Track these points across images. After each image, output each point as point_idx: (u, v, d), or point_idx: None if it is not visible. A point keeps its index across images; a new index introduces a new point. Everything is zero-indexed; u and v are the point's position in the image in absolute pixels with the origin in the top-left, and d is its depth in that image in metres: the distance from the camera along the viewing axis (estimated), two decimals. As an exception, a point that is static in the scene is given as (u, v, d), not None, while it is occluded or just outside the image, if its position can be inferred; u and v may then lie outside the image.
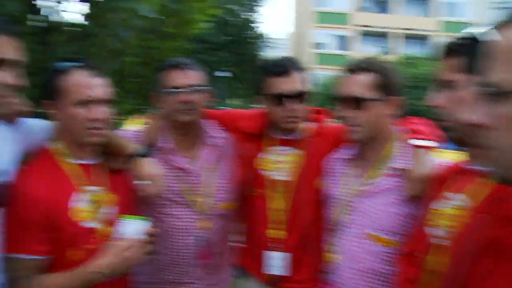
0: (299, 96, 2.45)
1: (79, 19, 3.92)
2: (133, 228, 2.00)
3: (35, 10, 3.52)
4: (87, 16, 3.50)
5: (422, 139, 2.21)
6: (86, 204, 2.03)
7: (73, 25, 3.87)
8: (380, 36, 39.57)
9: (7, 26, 1.73)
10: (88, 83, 1.99)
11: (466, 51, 1.61)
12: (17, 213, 1.88)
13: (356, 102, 2.16)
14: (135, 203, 2.28)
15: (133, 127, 2.69)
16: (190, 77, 2.44)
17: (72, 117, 1.99)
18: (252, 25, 26.52)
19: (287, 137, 2.60)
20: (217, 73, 23.57)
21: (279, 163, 2.59)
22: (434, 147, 2.20)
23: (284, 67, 2.46)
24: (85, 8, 3.69)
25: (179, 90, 2.41)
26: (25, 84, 1.79)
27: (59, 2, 3.80)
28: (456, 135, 1.70)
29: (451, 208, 1.73)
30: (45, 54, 3.40)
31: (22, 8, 3.07)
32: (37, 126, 2.15)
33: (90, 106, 1.98)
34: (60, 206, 1.95)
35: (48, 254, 1.94)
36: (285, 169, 2.57)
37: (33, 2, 3.58)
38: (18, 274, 1.89)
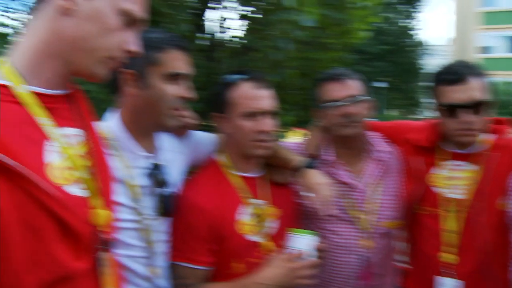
0: (476, 107, 2.20)
1: (240, 34, 4.05)
2: (303, 242, 1.99)
3: (202, 29, 3.73)
4: (248, 31, 3.59)
5: None
6: (250, 217, 2.07)
7: (234, 40, 4.01)
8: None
9: (182, 43, 1.85)
10: (255, 95, 2.03)
11: None
12: (184, 223, 1.98)
13: None
14: (297, 217, 2.26)
15: (294, 140, 2.65)
16: (349, 88, 2.35)
17: (238, 129, 2.03)
18: (410, 32, 25.32)
19: (462, 151, 2.37)
20: (374, 84, 22.99)
21: (453, 180, 2.36)
22: None
23: (459, 73, 2.23)
24: (245, 23, 3.81)
25: (339, 102, 2.32)
26: (194, 97, 1.89)
27: (223, 21, 3.98)
28: None
29: None
30: (211, 69, 3.58)
31: (191, 28, 3.27)
32: (204, 139, 2.26)
33: (257, 118, 2.02)
34: (226, 218, 2.01)
35: (212, 265, 2.01)
36: (460, 186, 2.34)
37: (200, 22, 3.80)
38: (183, 281, 1.99)
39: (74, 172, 1.22)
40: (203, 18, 3.74)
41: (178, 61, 1.82)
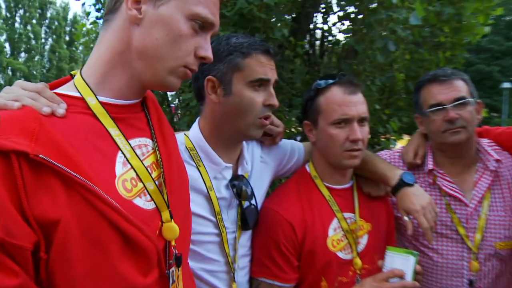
0: None
1: (341, 37, 3.92)
2: (400, 262, 1.82)
3: (300, 33, 3.63)
4: (350, 33, 3.42)
5: None
6: (341, 233, 1.94)
7: (336, 44, 3.85)
8: None
9: (267, 47, 1.77)
10: (345, 101, 1.90)
11: None
12: (269, 237, 1.89)
13: None
14: (391, 233, 2.10)
15: (399, 148, 2.45)
16: (455, 89, 2.11)
17: (328, 138, 1.93)
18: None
19: None
20: (503, 85, 21.05)
21: None
22: None
23: None
24: (347, 25, 3.63)
25: (444, 106, 2.09)
26: (278, 104, 1.81)
27: (322, 24, 3.84)
28: None
29: None
30: (311, 75, 3.47)
31: (288, 33, 3.20)
32: (293, 148, 2.17)
33: (347, 126, 1.89)
34: (317, 233, 1.90)
35: (299, 281, 1.91)
36: None
37: (298, 26, 3.70)
38: None
39: (141, 184, 1.20)
40: (301, 22, 3.64)
41: (263, 67, 1.74)
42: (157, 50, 1.18)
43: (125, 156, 1.18)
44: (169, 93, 3.88)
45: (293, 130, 3.45)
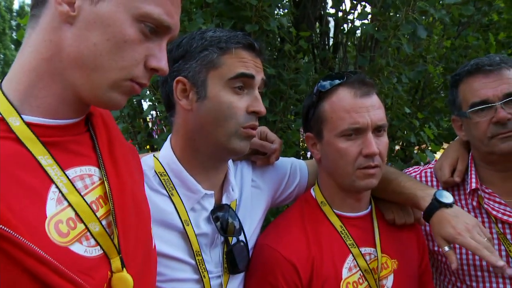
0: None
1: (358, 24, 3.94)
2: None
3: (304, 22, 3.67)
4: (371, 18, 3.45)
5: None
6: (359, 273, 1.95)
7: (352, 32, 3.89)
8: None
9: (250, 41, 1.79)
10: (355, 106, 1.91)
11: None
12: (265, 282, 1.89)
13: None
14: (426, 272, 2.09)
15: (432, 163, 2.47)
16: (505, 82, 2.11)
17: (336, 153, 1.94)
18: None
19: None
20: None
21: None
22: None
23: None
24: (364, 10, 3.67)
25: (491, 104, 2.10)
26: (265, 111, 1.82)
27: (336, 7, 3.88)
28: None
29: None
30: (323, 74, 3.51)
31: (290, 22, 3.23)
32: (294, 168, 2.19)
33: (360, 137, 1.90)
34: (328, 275, 1.91)
35: None
36: None
37: (302, 14, 3.74)
38: None
39: (83, 225, 1.19)
40: (306, 7, 3.68)
41: (246, 63, 1.76)
42: (95, 58, 1.16)
43: (60, 191, 1.17)
44: (144, 105, 3.92)
45: (300, 144, 3.47)
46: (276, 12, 3.19)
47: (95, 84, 1.19)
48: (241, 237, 1.88)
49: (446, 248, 1.87)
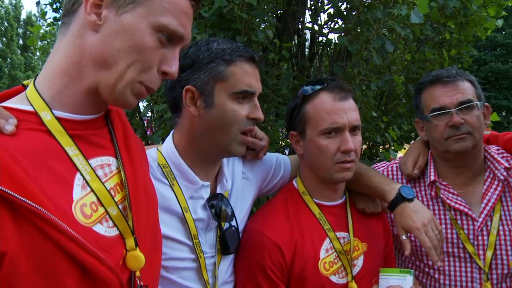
0: None
1: (333, 37, 4.00)
2: (396, 284, 1.89)
3: (286, 34, 3.71)
4: (343, 32, 3.50)
5: None
6: (334, 254, 2.00)
7: (328, 44, 3.94)
8: None
9: (253, 54, 1.83)
10: (335, 108, 1.97)
11: None
12: (253, 261, 1.94)
13: None
14: (390, 254, 2.17)
15: (397, 159, 2.54)
16: (460, 92, 2.19)
17: (317, 149, 1.99)
18: None
19: None
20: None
21: None
22: None
23: None
24: (339, 24, 3.73)
25: (448, 110, 2.18)
26: (263, 118, 1.87)
27: (314, 22, 3.93)
28: None
29: None
30: (300, 80, 3.56)
31: (273, 34, 3.27)
32: (279, 162, 2.23)
33: (338, 135, 1.96)
34: (307, 256, 1.95)
35: None
36: None
37: (284, 26, 3.78)
38: None
39: (103, 209, 1.23)
40: (287, 21, 3.73)
41: (248, 77, 1.80)
42: (117, 62, 1.20)
43: (84, 178, 1.20)
44: (141, 104, 3.93)
45: (280, 142, 3.52)
46: (263, 26, 3.22)
47: (114, 83, 1.22)
48: (233, 223, 1.92)
49: (404, 237, 1.98)
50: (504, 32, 23.75)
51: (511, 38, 21.35)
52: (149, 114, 4.05)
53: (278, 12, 3.72)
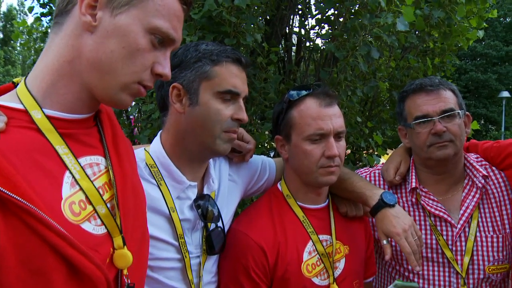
0: None
1: (320, 43, 4.01)
2: None
3: (274, 38, 3.72)
4: (330, 38, 3.52)
5: None
6: (316, 256, 2.02)
7: (315, 49, 3.96)
8: None
9: (239, 56, 1.85)
10: (320, 114, 1.98)
11: None
12: (237, 262, 1.94)
13: None
14: (371, 257, 2.19)
15: (380, 165, 2.56)
16: (442, 100, 2.22)
17: (302, 154, 2.00)
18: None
19: None
20: (501, 94, 21.60)
21: None
22: None
23: None
24: (327, 30, 3.74)
25: (430, 118, 2.21)
26: (247, 119, 1.88)
27: (300, 28, 3.95)
28: None
29: None
30: (286, 84, 3.57)
31: (261, 38, 3.27)
32: (264, 165, 2.24)
33: (323, 141, 1.97)
34: (290, 258, 1.96)
35: None
36: None
37: (273, 31, 3.79)
38: None
39: (91, 207, 1.23)
40: (275, 25, 3.74)
41: (235, 78, 1.81)
42: (111, 63, 1.21)
43: (73, 176, 1.21)
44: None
45: (266, 145, 3.52)
46: (252, 26, 3.22)
47: (109, 85, 1.24)
48: (219, 223, 1.92)
49: (385, 242, 2.00)
50: (483, 43, 24.06)
51: (490, 48, 21.62)
52: (136, 114, 4.03)
53: (267, 16, 3.72)
